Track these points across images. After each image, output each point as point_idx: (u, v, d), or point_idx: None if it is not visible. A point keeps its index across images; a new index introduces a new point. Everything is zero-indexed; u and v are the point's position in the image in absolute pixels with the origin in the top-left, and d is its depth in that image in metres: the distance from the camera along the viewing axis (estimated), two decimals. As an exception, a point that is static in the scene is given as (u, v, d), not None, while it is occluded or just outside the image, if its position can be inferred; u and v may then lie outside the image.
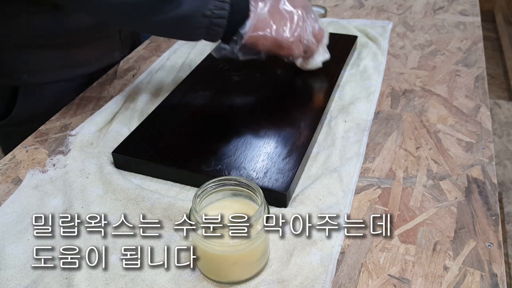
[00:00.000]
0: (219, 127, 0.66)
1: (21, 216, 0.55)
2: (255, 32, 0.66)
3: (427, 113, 0.72)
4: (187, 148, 0.62)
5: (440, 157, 0.63)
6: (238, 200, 0.48)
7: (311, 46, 0.73)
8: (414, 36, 0.97)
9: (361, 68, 0.85)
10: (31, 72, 0.77)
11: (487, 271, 0.48)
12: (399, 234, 0.52)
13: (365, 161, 0.63)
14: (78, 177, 0.60)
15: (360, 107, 0.73)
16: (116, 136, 0.67)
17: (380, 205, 0.56)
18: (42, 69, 0.77)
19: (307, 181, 0.59)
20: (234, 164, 0.59)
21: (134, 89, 0.79)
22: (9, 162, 0.64)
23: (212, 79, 0.79)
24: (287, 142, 0.62)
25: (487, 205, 0.55)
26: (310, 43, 0.72)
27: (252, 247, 0.44)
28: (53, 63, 0.78)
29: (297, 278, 0.47)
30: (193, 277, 0.48)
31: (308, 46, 0.72)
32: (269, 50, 0.70)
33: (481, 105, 0.74)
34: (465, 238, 0.51)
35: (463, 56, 0.89)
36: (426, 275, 0.48)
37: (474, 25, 1.01)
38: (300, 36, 0.70)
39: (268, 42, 0.68)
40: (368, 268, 0.48)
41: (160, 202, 0.55)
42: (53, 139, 0.68)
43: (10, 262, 0.49)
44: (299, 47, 0.71)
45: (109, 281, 0.47)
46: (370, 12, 1.09)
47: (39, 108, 0.78)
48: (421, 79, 0.82)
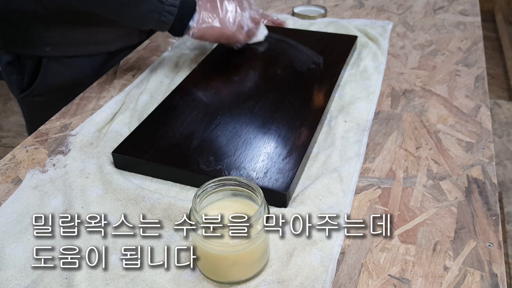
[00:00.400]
0: (219, 126, 0.66)
1: (21, 216, 0.55)
2: (203, 24, 0.76)
3: (427, 113, 0.72)
4: (187, 148, 0.62)
5: (440, 157, 0.63)
6: (238, 200, 0.48)
7: (252, 30, 0.84)
8: (414, 36, 0.97)
9: (361, 68, 0.85)
10: (55, 45, 0.82)
11: (487, 271, 0.48)
12: (399, 234, 0.52)
13: (365, 161, 0.63)
14: (78, 177, 0.60)
15: (360, 107, 0.73)
16: (116, 136, 0.67)
17: (380, 205, 0.56)
18: (65, 43, 0.83)
19: (307, 181, 0.59)
20: (234, 164, 0.59)
21: (134, 89, 0.79)
22: (9, 162, 0.64)
23: (212, 79, 0.79)
24: (287, 142, 0.62)
25: (487, 205, 0.55)
26: (251, 27, 0.83)
27: (252, 247, 0.44)
28: (75, 39, 0.84)
29: (297, 278, 0.47)
30: (193, 277, 0.48)
31: (250, 31, 0.83)
32: (216, 40, 0.80)
33: (481, 105, 0.74)
34: (465, 238, 0.51)
35: (463, 56, 0.88)
36: (426, 275, 0.48)
37: (474, 25, 1.01)
38: (241, 23, 0.80)
39: (215, 32, 0.78)
40: (368, 268, 0.48)
41: (160, 202, 0.55)
42: (53, 139, 0.68)
43: (10, 262, 0.49)
44: (242, 33, 0.81)
45: (109, 281, 0.47)
46: (370, 12, 1.09)
47: (60, 80, 0.85)
48: (421, 79, 0.82)
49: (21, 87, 0.88)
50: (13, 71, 0.87)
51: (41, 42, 0.82)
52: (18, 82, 0.88)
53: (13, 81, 0.88)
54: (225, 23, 0.78)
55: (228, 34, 0.79)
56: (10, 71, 0.87)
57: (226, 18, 0.78)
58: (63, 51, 0.84)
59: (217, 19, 0.77)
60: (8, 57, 0.86)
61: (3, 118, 2.25)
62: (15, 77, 0.87)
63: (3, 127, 2.19)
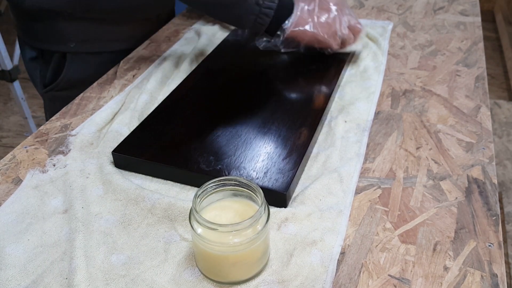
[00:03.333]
0: (219, 126, 0.66)
1: (21, 216, 0.55)
2: (296, 27, 0.77)
3: (427, 113, 0.72)
4: (187, 148, 0.62)
5: (440, 157, 0.63)
6: (238, 200, 0.48)
7: (347, 39, 0.82)
8: (414, 36, 0.97)
9: (361, 68, 0.85)
10: (79, 41, 0.86)
11: (488, 271, 0.48)
12: (399, 234, 0.52)
13: (365, 161, 0.63)
14: (78, 177, 0.60)
15: (360, 107, 0.73)
16: (116, 136, 0.67)
17: (380, 205, 0.56)
18: (88, 40, 0.87)
19: (307, 181, 0.59)
20: (234, 164, 0.59)
21: (134, 89, 0.79)
22: (9, 162, 0.64)
23: (212, 79, 0.79)
24: (287, 142, 0.62)
25: (487, 205, 0.55)
26: (346, 36, 0.81)
27: (252, 247, 0.44)
28: (99, 36, 0.88)
29: (297, 279, 0.47)
30: (193, 277, 0.48)
31: (344, 39, 0.82)
32: (308, 43, 0.80)
33: (481, 105, 0.74)
34: (465, 238, 0.51)
35: (463, 56, 0.88)
36: (426, 275, 0.48)
37: (474, 25, 1.01)
38: (336, 30, 0.79)
39: (307, 36, 0.79)
40: (369, 268, 0.48)
41: (160, 202, 0.55)
42: (53, 139, 0.68)
43: (10, 262, 0.49)
44: (336, 40, 0.80)
45: (109, 281, 0.47)
46: (370, 12, 1.09)
47: (83, 75, 0.88)
48: (421, 79, 0.82)
49: (44, 82, 0.91)
50: (36, 66, 0.90)
51: (66, 39, 0.85)
52: (41, 77, 0.91)
53: (37, 76, 0.91)
54: (319, 28, 0.78)
55: (320, 40, 0.79)
56: (34, 66, 0.90)
57: (321, 23, 0.78)
58: (86, 47, 0.87)
59: (312, 23, 0.78)
60: (32, 53, 0.89)
61: (3, 118, 2.25)
62: (39, 72, 0.90)
63: (3, 127, 2.19)
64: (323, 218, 0.54)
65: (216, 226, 0.42)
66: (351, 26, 0.82)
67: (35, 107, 2.27)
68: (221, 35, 0.97)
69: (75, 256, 0.49)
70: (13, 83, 1.76)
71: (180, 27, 1.03)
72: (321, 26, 0.78)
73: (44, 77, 0.91)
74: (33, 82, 0.94)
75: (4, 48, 1.70)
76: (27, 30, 0.87)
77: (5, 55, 1.70)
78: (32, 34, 0.87)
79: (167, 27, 1.03)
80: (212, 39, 0.96)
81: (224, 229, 0.43)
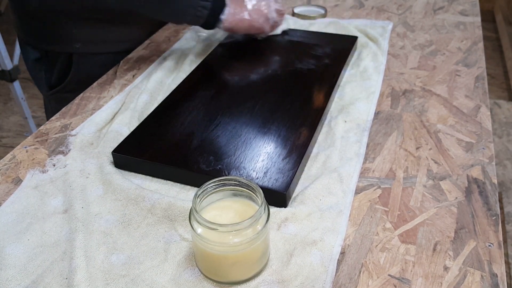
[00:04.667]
0: (219, 126, 0.66)
1: (21, 216, 0.55)
2: (233, 17, 0.81)
3: (427, 113, 0.72)
4: (187, 148, 0.62)
5: (440, 157, 0.63)
6: (238, 200, 0.48)
7: (277, 22, 0.88)
8: (414, 36, 0.97)
9: (361, 68, 0.85)
10: (84, 42, 0.86)
11: (487, 271, 0.48)
12: (399, 234, 0.52)
13: (365, 161, 0.63)
14: (78, 177, 0.60)
15: (360, 107, 0.73)
16: (116, 136, 0.67)
17: (380, 205, 0.56)
18: (94, 40, 0.87)
19: (307, 181, 0.59)
20: (234, 164, 0.59)
21: (134, 89, 0.79)
22: (9, 162, 0.64)
23: (212, 79, 0.79)
24: (287, 142, 0.62)
25: (487, 205, 0.55)
26: (277, 19, 0.88)
27: (252, 247, 0.44)
28: (103, 36, 0.88)
29: (297, 278, 0.47)
30: (193, 277, 0.48)
31: (275, 22, 0.88)
32: (246, 31, 0.85)
33: (481, 105, 0.74)
34: (465, 238, 0.51)
35: (463, 56, 0.88)
36: (426, 275, 0.48)
37: (474, 25, 1.01)
38: (267, 15, 0.85)
39: (244, 25, 0.83)
40: (369, 268, 0.48)
41: (160, 202, 0.55)
42: (53, 139, 0.68)
43: (10, 262, 0.49)
44: (269, 24, 0.86)
45: (109, 281, 0.47)
46: (370, 12, 1.09)
47: (90, 75, 0.86)
48: (421, 79, 0.82)
49: (49, 84, 0.90)
50: (41, 68, 0.89)
51: (71, 39, 0.85)
52: (46, 78, 0.90)
53: (41, 78, 0.90)
54: (254, 15, 0.83)
55: (257, 26, 0.84)
56: (38, 68, 0.89)
57: (254, 10, 0.83)
58: (92, 48, 0.87)
59: (246, 12, 0.82)
60: (36, 54, 0.88)
61: (3, 118, 2.25)
62: (43, 73, 0.89)
63: (3, 127, 2.19)
64: (323, 218, 0.54)
65: (216, 226, 0.42)
66: (277, 9, 0.87)
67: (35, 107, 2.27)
68: (221, 35, 0.97)
69: (75, 256, 0.49)
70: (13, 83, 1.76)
71: (180, 27, 1.03)
72: (255, 13, 0.83)
73: (49, 79, 0.90)
74: (36, 84, 0.93)
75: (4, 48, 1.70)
76: (30, 31, 0.86)
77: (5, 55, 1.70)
78: (36, 35, 0.86)
79: (167, 27, 1.03)
80: (212, 39, 0.96)
81: (224, 229, 0.43)
